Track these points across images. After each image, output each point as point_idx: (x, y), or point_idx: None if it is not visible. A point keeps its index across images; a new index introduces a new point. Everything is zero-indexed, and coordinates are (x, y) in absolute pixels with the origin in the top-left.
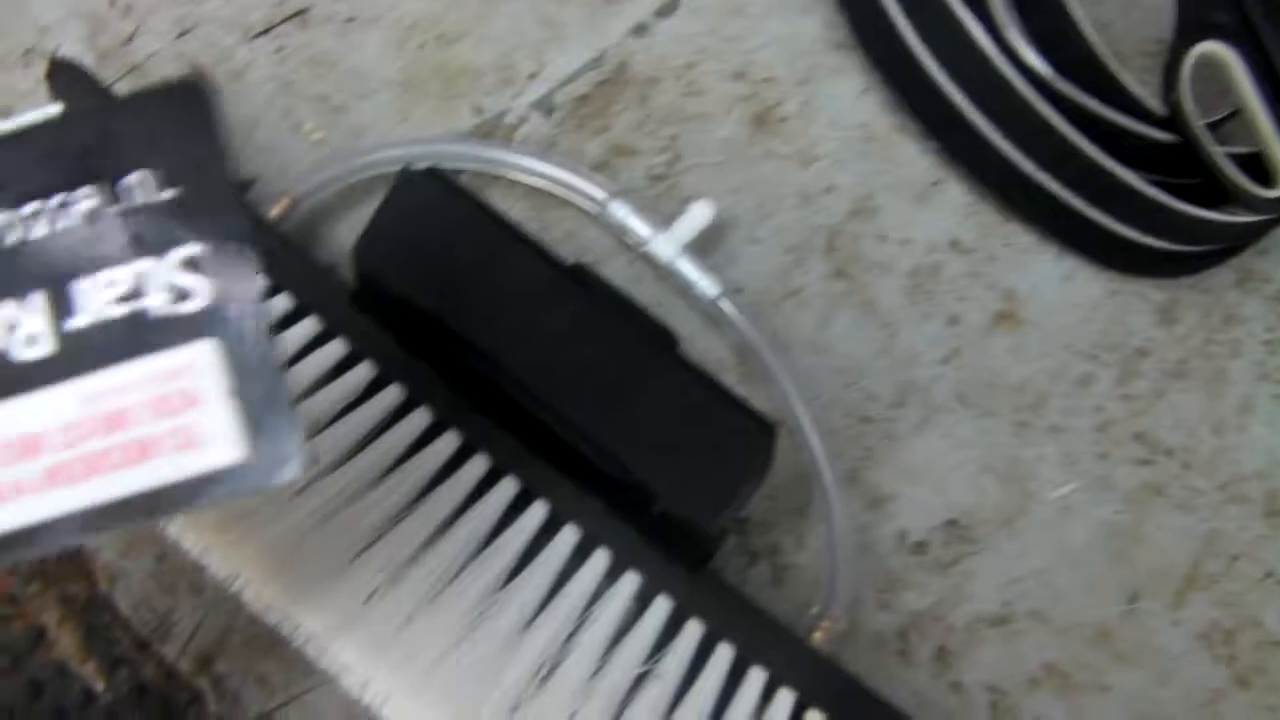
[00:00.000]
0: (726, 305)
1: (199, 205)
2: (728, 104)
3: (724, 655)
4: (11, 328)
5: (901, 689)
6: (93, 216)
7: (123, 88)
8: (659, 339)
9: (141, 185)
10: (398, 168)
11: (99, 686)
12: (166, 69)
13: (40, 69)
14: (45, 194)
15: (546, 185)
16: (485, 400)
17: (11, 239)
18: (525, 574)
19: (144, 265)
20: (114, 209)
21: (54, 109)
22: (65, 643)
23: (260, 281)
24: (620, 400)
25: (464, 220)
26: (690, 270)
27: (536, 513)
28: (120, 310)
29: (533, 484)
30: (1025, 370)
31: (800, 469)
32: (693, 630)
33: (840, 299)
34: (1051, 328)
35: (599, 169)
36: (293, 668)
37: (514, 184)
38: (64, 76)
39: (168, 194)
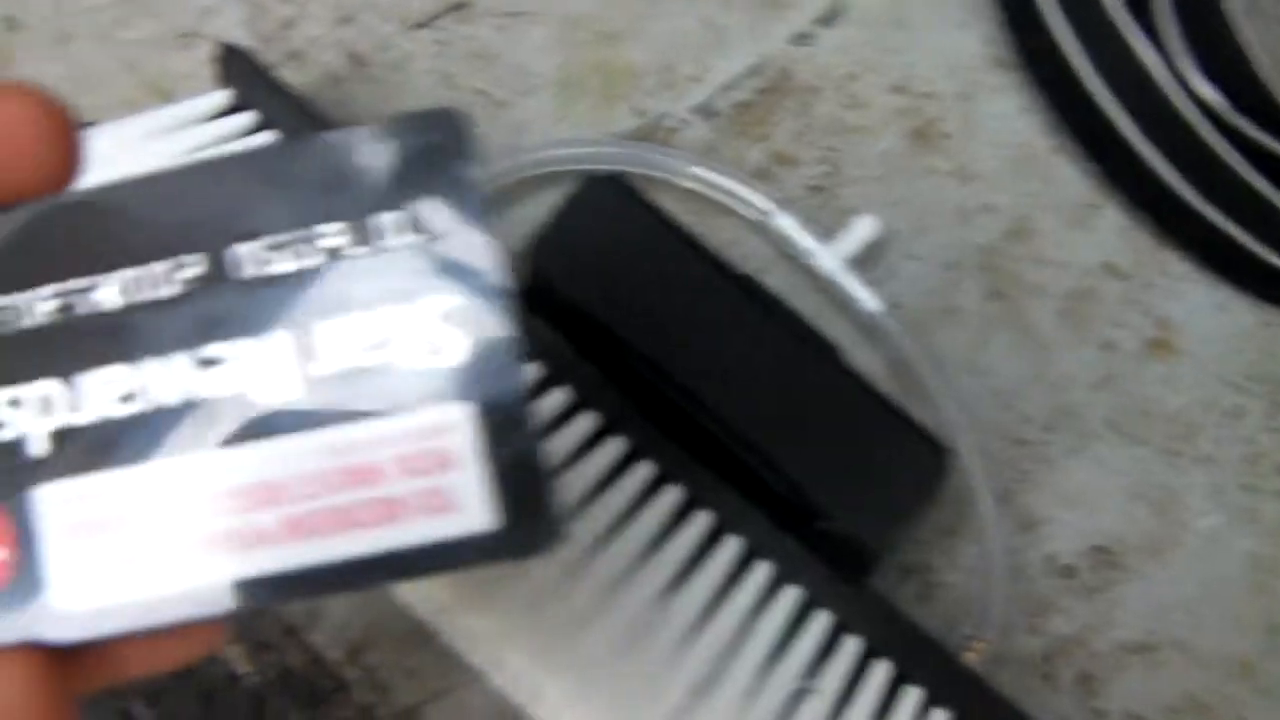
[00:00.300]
0: (888, 321)
1: (457, 252)
2: (888, 117)
3: (881, 673)
4: (255, 369)
5: (1045, 713)
6: (342, 256)
7: (282, 74)
8: (828, 354)
9: (394, 226)
10: (562, 168)
11: (245, 669)
12: (326, 56)
13: (199, 52)
14: (288, 227)
15: (709, 192)
16: (649, 407)
17: (251, 273)
18: (688, 585)
19: (396, 313)
20: (363, 249)
21: (220, 95)
22: None
23: (520, 341)
24: (793, 415)
25: (645, 230)
26: (852, 284)
27: (700, 522)
28: (370, 360)
29: (697, 493)
30: (1178, 399)
31: (955, 488)
32: (851, 646)
33: (996, 320)
34: (1204, 357)
35: (758, 177)
36: (442, 662)
37: (673, 188)
38: (232, 62)
39: (422, 238)
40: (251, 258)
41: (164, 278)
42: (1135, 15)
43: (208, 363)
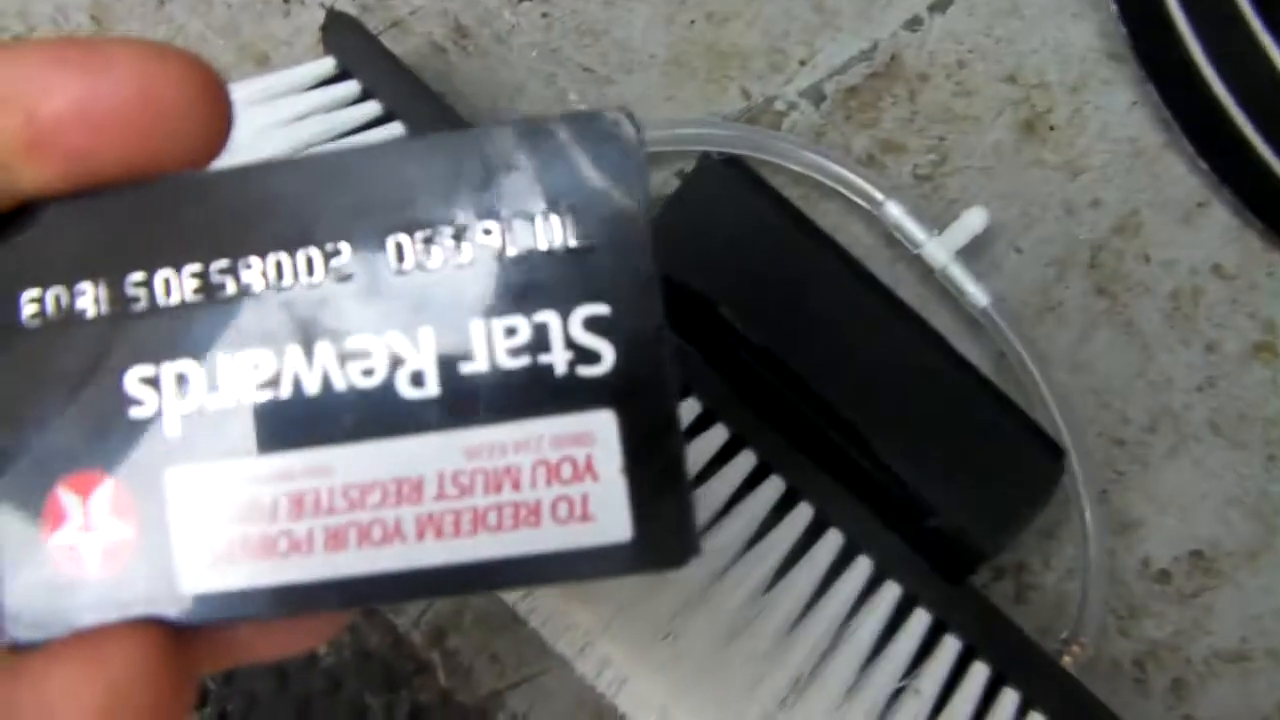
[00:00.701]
0: (995, 316)
1: (613, 262)
2: (998, 107)
3: (980, 673)
4: (396, 362)
5: (1136, 718)
6: (493, 255)
7: (385, 42)
8: (945, 348)
9: (550, 228)
10: (670, 148)
11: (322, 649)
12: (429, 25)
13: (298, 18)
14: (441, 222)
15: (818, 177)
16: (754, 396)
17: (401, 266)
18: (788, 578)
19: (546, 317)
20: (518, 251)
21: (327, 63)
22: None
23: (670, 356)
24: (908, 410)
25: (763, 214)
26: (961, 277)
27: (802, 515)
28: (515, 363)
29: (799, 484)
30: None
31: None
32: (951, 646)
33: (1100, 317)
34: None
35: (865, 164)
36: (526, 648)
37: (778, 171)
38: (339, 29)
39: (582, 242)
40: (402, 251)
41: (311, 265)
42: (1263, 9)
43: (352, 355)
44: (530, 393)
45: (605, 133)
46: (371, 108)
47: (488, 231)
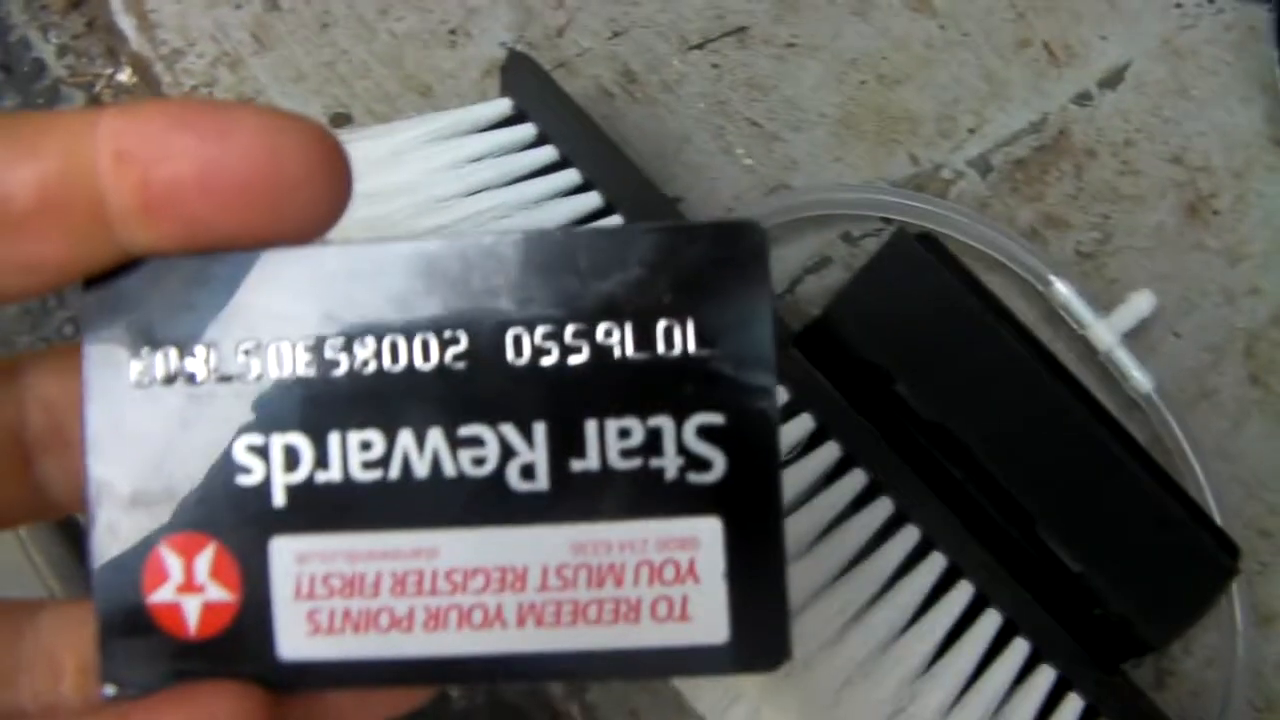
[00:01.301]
0: (1159, 401)
1: (735, 371)
2: (1162, 188)
3: None
4: (509, 454)
5: None
6: (613, 356)
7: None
8: (1122, 435)
9: (676, 333)
10: (836, 211)
11: (454, 693)
12: (597, 69)
13: (464, 51)
14: (566, 317)
15: (984, 249)
16: (922, 472)
17: (521, 359)
18: (948, 657)
19: (661, 422)
20: (639, 353)
21: (503, 104)
22: None
23: (779, 470)
24: (1079, 493)
25: (952, 292)
26: (1126, 361)
27: (963, 592)
28: (627, 464)
29: (962, 562)
30: None
31: None
32: None
33: (1253, 406)
34: None
35: (1028, 237)
36: (667, 708)
37: (944, 240)
38: (518, 71)
39: (703, 351)
40: (521, 344)
41: (428, 349)
42: None
43: (465, 441)
44: (639, 495)
45: (740, 240)
46: (547, 153)
47: (610, 331)
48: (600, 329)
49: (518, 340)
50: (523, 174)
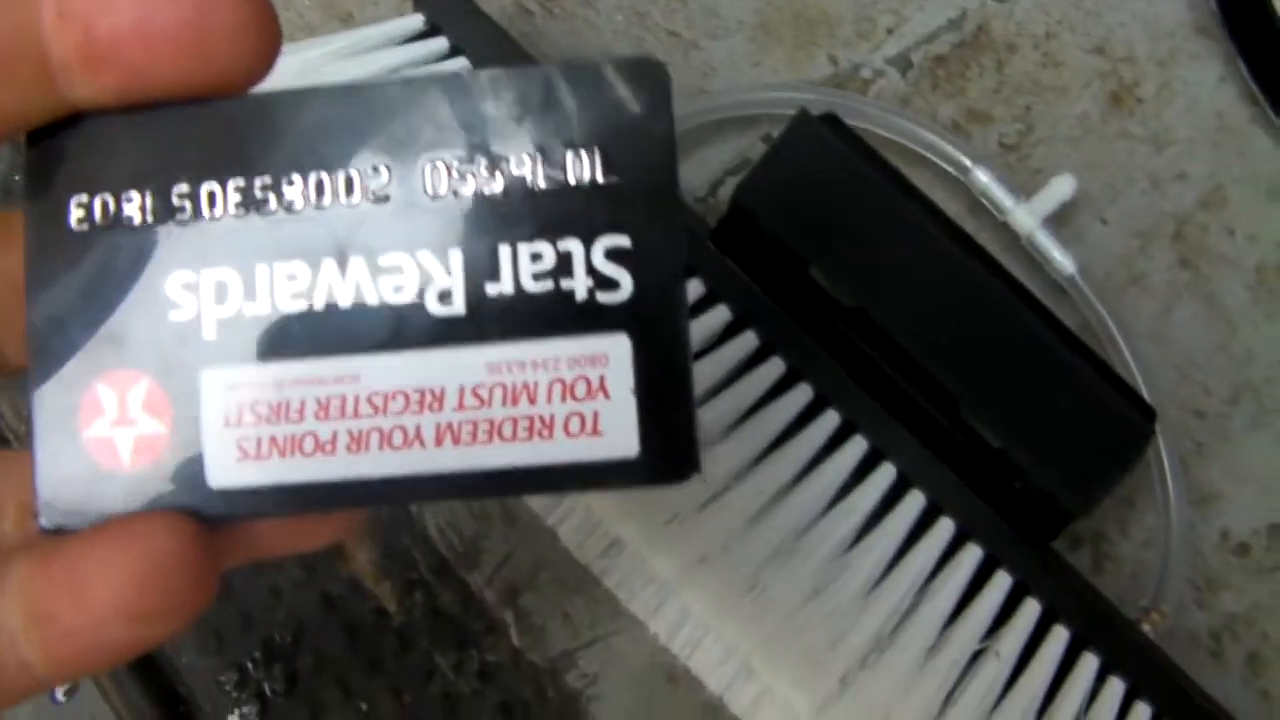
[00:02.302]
0: (1080, 285)
1: (639, 197)
2: (1085, 79)
3: (1060, 638)
4: (426, 280)
5: (1211, 691)
6: (525, 185)
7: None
8: (1036, 306)
9: (583, 163)
10: (758, 111)
11: (392, 607)
12: None
13: None
14: (481, 149)
15: (906, 144)
16: (842, 356)
17: (439, 189)
18: (871, 537)
19: (570, 245)
20: (549, 182)
21: (415, 19)
22: (361, 560)
23: (683, 289)
24: (999, 370)
25: (857, 168)
26: (1048, 244)
27: (885, 474)
28: (539, 287)
29: (884, 444)
30: None
31: None
32: (1031, 609)
33: (1183, 290)
34: None
35: (950, 132)
36: (600, 608)
37: (866, 138)
38: None
39: (609, 178)
40: (438, 177)
41: (351, 185)
42: None
43: (386, 269)
44: (551, 315)
45: (644, 76)
46: (460, 64)
47: (522, 162)
48: (513, 160)
49: (435, 173)
50: None
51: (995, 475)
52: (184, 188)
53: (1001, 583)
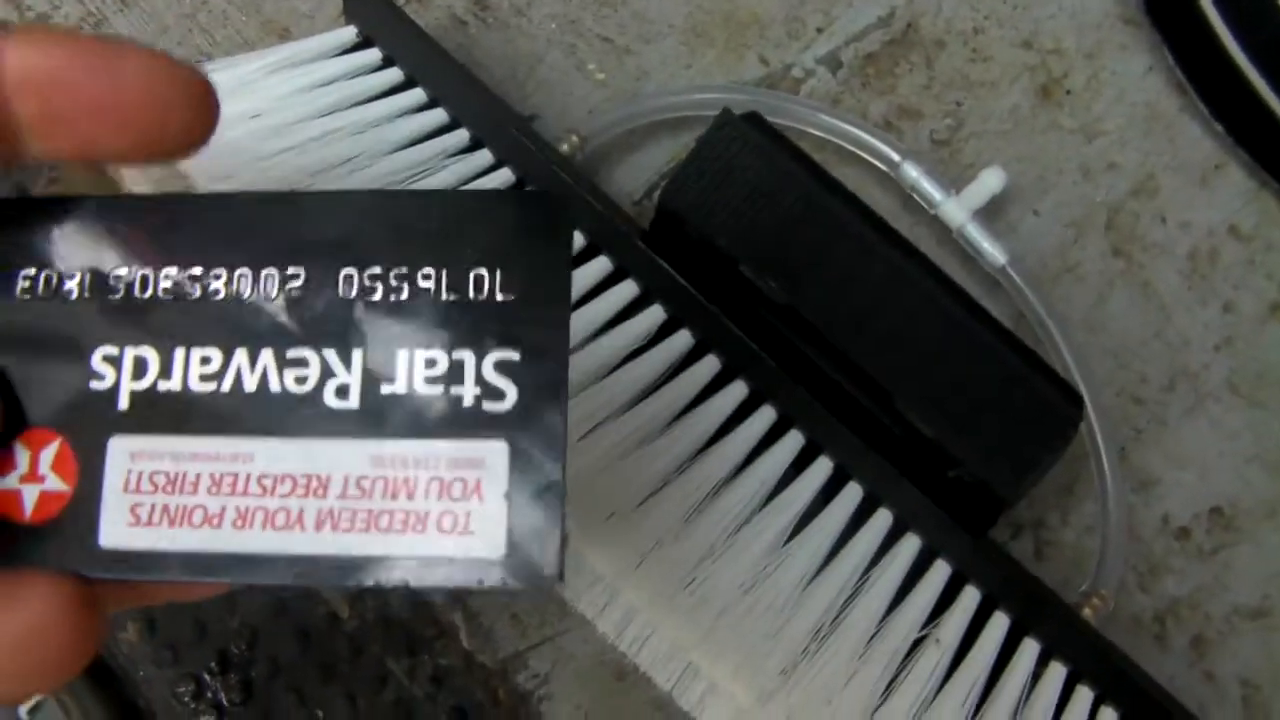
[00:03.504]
0: (1013, 275)
1: (531, 316)
2: (1014, 73)
3: (1000, 624)
4: (328, 374)
5: (1155, 674)
6: (429, 297)
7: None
8: (962, 297)
9: (484, 281)
10: (689, 113)
11: (344, 613)
12: None
13: None
14: (392, 262)
15: (837, 141)
16: (775, 352)
17: (349, 295)
18: (809, 529)
19: (464, 355)
20: (451, 296)
21: (348, 31)
22: None
23: (565, 406)
24: (927, 360)
25: (781, 166)
26: (979, 237)
27: (821, 468)
28: (430, 390)
29: (820, 438)
30: None
31: (1071, 445)
32: (971, 596)
33: (1117, 278)
34: None
35: (882, 129)
36: (548, 608)
37: (798, 137)
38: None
39: (507, 296)
40: (351, 283)
41: (271, 283)
42: None
43: (292, 362)
44: (438, 418)
45: (545, 206)
46: (393, 74)
47: (428, 276)
48: (420, 274)
49: (349, 279)
50: (369, 96)
51: (930, 465)
52: (121, 271)
53: (940, 571)
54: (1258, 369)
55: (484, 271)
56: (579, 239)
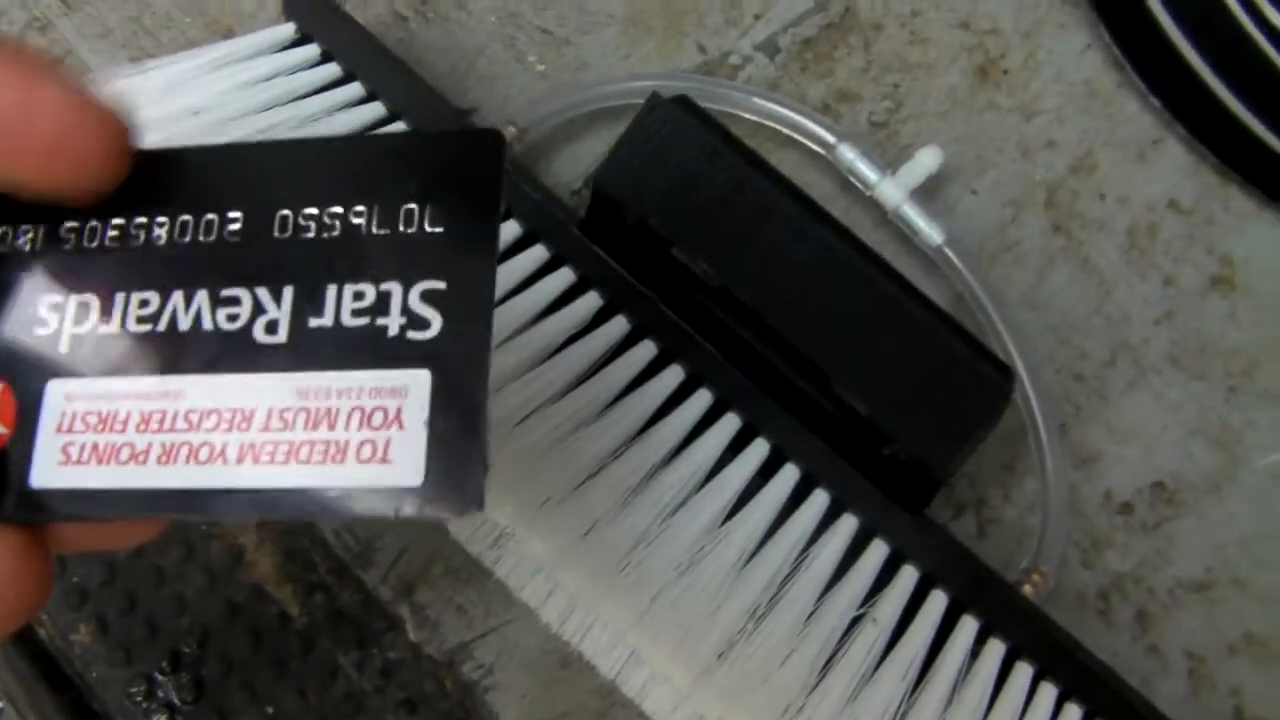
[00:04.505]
0: (950, 254)
1: (460, 249)
2: (951, 54)
3: (938, 601)
4: (259, 311)
5: (1100, 650)
6: (360, 233)
7: (347, 12)
8: (893, 276)
9: (414, 215)
10: (627, 102)
11: (294, 610)
12: None
13: None
14: (325, 202)
15: (773, 125)
16: (711, 335)
17: (285, 234)
18: (745, 511)
19: (391, 287)
20: (382, 231)
21: (287, 28)
22: (263, 565)
23: (489, 333)
24: (860, 339)
25: (711, 148)
26: (915, 216)
27: (758, 449)
28: (357, 322)
29: (756, 420)
30: (1239, 335)
31: (1012, 423)
32: (909, 575)
33: (1057, 255)
34: (1267, 294)
35: (821, 113)
36: (493, 599)
37: (735, 121)
38: None
39: (434, 229)
40: (285, 222)
41: (210, 227)
42: None
43: (225, 300)
44: (363, 348)
45: (480, 142)
46: (331, 70)
47: (359, 214)
48: (353, 211)
49: (284, 220)
50: (307, 91)
51: (865, 443)
52: (72, 223)
53: (878, 550)
54: (1199, 342)
55: (414, 206)
56: (515, 228)
